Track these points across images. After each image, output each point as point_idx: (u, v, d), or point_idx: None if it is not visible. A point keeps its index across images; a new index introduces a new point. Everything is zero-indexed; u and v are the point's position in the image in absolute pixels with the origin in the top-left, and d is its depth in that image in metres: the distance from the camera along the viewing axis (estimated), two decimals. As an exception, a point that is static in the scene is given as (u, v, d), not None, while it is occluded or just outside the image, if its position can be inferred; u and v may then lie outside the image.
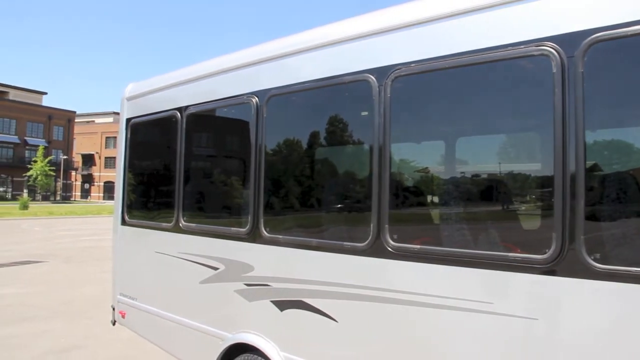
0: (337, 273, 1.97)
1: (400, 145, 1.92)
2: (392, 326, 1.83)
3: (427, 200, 2.03)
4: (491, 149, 1.89)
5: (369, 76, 1.88)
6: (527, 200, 1.81)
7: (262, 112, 2.22)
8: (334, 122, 2.10)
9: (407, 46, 1.85)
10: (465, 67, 1.69)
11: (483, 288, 1.66)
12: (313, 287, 2.05)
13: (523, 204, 1.82)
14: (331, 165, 2.25)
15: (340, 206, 2.15)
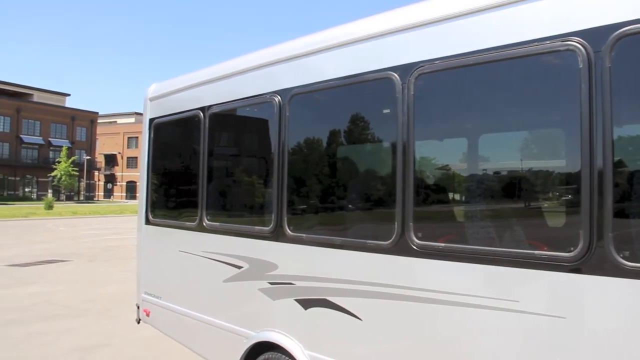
0: (362, 271, 1.97)
1: (423, 142, 1.91)
2: (416, 324, 1.82)
3: (452, 198, 2.02)
4: (516, 145, 1.87)
5: (392, 74, 1.87)
6: (554, 197, 1.79)
7: (284, 110, 2.23)
8: (357, 120, 2.10)
9: (430, 43, 1.83)
10: (490, 64, 1.68)
11: (509, 286, 1.65)
12: (337, 286, 2.05)
13: (550, 201, 1.79)
14: (354, 164, 2.25)
15: (363, 204, 2.14)
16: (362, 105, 2.07)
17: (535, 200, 1.81)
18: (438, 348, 1.77)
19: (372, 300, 1.93)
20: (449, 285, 1.75)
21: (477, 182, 1.91)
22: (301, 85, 2.18)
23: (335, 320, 2.01)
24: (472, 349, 1.69)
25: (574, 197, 1.57)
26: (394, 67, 1.87)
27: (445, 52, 1.77)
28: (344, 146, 2.19)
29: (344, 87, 2.03)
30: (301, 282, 2.13)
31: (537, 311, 1.58)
